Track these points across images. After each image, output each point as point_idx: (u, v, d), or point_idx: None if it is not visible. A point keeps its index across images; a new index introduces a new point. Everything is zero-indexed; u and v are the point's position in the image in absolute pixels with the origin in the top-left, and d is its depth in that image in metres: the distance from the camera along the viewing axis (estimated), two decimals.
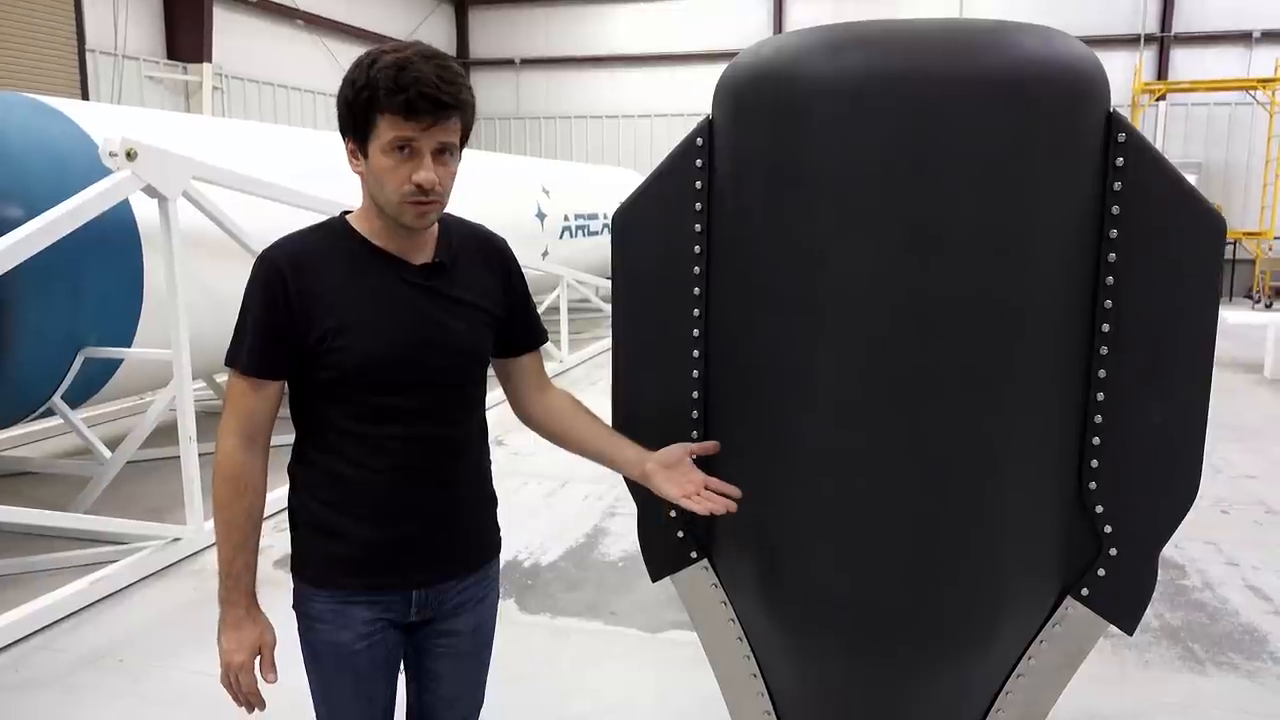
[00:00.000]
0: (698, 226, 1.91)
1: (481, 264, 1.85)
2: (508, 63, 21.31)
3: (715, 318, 1.92)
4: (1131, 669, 3.59)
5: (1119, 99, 16.63)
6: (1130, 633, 1.89)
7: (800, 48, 1.71)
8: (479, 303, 1.81)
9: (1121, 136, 1.70)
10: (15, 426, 5.61)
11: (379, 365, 1.69)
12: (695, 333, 1.95)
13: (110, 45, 12.87)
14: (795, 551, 1.82)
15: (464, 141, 1.70)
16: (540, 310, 9.02)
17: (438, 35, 20.85)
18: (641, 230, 1.97)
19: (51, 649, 3.71)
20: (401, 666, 1.92)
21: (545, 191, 10.58)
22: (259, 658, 1.76)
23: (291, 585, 1.84)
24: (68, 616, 3.94)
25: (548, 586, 4.35)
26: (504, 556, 4.58)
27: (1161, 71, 17.78)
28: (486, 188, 9.24)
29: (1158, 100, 16.98)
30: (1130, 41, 17.67)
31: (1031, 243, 1.66)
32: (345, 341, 1.67)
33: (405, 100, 1.56)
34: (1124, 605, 1.87)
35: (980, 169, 1.62)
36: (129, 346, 4.99)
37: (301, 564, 1.82)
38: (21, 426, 5.79)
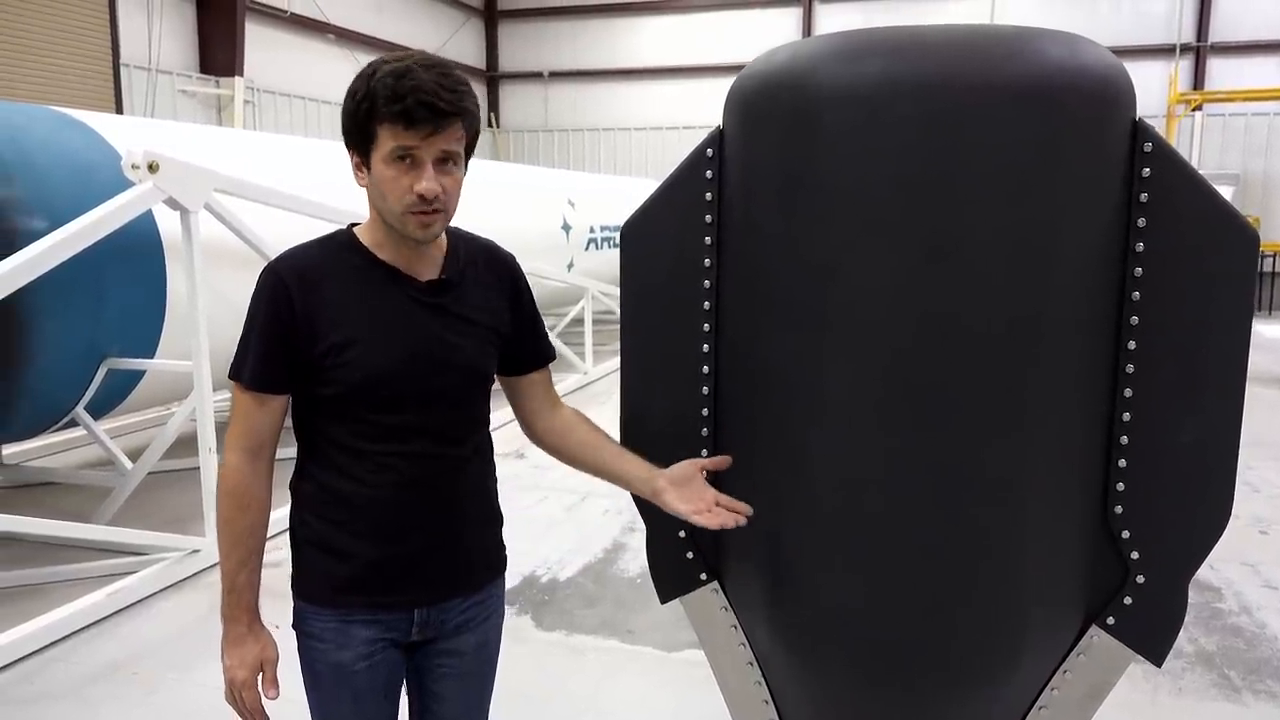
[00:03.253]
0: (708, 238, 1.86)
1: (490, 281, 1.82)
2: (536, 75, 21.42)
3: (726, 331, 1.87)
4: (1164, 696, 3.47)
5: (1154, 110, 16.41)
6: (1159, 664, 1.81)
7: (814, 54, 1.66)
8: (485, 320, 1.78)
9: (1148, 146, 1.63)
10: (41, 437, 5.65)
11: (383, 382, 1.66)
12: (705, 347, 1.89)
13: (144, 59, 13.06)
14: (806, 575, 1.76)
15: (470, 151, 1.68)
16: (565, 322, 8.94)
17: (467, 48, 21.00)
18: (651, 242, 1.92)
19: (68, 661, 3.71)
20: (404, 687, 1.88)
21: (571, 204, 10.57)
22: (261, 674, 1.74)
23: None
24: (85, 628, 3.94)
25: (565, 603, 4.30)
26: (522, 571, 4.58)
27: (1198, 81, 17.53)
28: (513, 200, 9.25)
29: (1194, 110, 16.72)
30: (1166, 51, 17.45)
31: (1054, 255, 1.60)
32: (349, 357, 1.64)
33: (404, 109, 1.53)
34: (1152, 635, 1.78)
35: (1000, 179, 1.56)
36: (152, 358, 5.01)
37: (302, 582, 1.78)
38: (48, 437, 5.84)
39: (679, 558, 1.98)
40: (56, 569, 4.49)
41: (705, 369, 1.90)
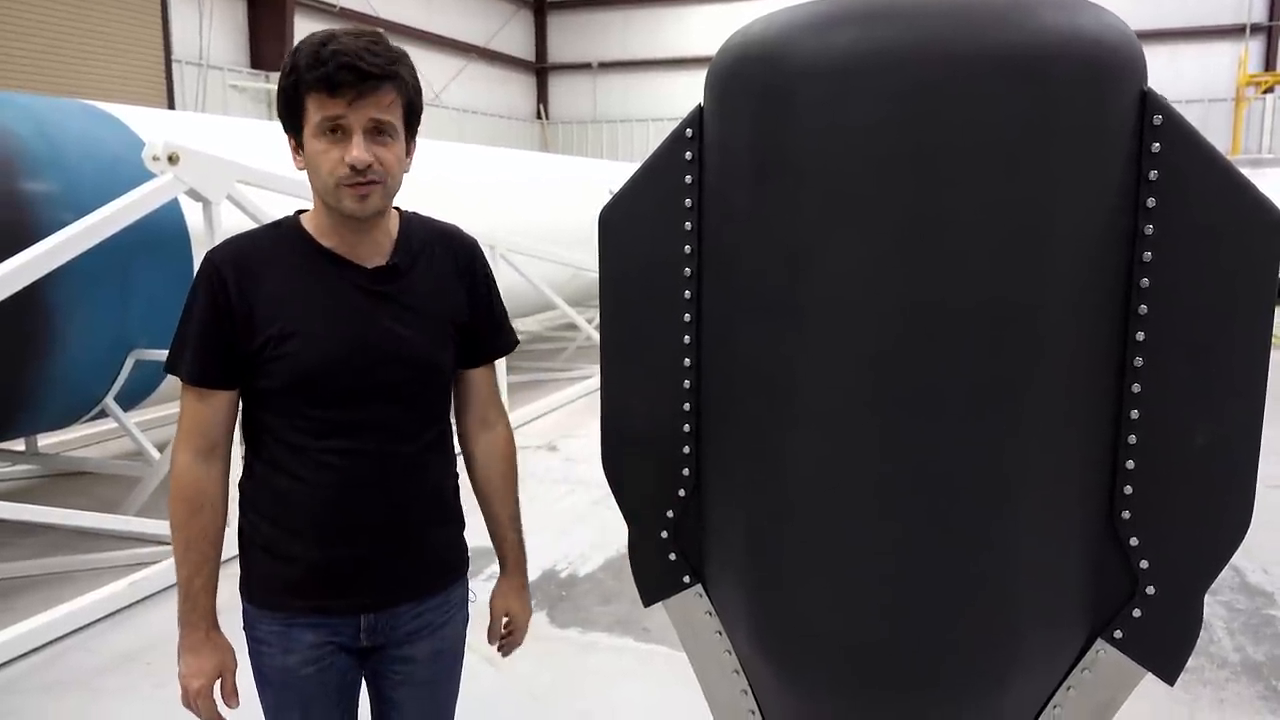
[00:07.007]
0: (688, 224, 1.76)
1: (447, 267, 1.73)
2: (585, 66, 21.37)
3: (707, 323, 1.76)
4: (1204, 708, 3.28)
5: (1222, 93, 15.83)
6: (1171, 683, 1.66)
7: (788, 24, 1.55)
8: (438, 310, 1.69)
9: (1157, 119, 1.49)
10: (79, 427, 5.73)
11: (320, 375, 1.59)
12: (686, 340, 1.79)
13: (196, 55, 13.27)
14: (786, 583, 1.65)
15: (411, 124, 1.59)
16: None
17: (516, 40, 21.02)
18: (629, 229, 1.83)
19: (86, 649, 3.74)
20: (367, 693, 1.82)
21: (611, 193, 10.50)
22: (220, 683, 1.71)
23: None
24: (106, 617, 3.97)
25: (582, 599, 4.22)
26: (542, 566, 4.51)
27: (1269, 62, 16.84)
28: (554, 192, 9.21)
29: (1265, 93, 16.08)
30: (1235, 32, 16.80)
31: (1049, 238, 1.47)
32: (288, 349, 1.57)
33: (325, 74, 1.47)
34: (1164, 651, 1.64)
35: (986, 156, 1.43)
36: None
37: (247, 584, 1.74)
38: (86, 427, 5.93)
39: (662, 559, 1.89)
40: (86, 557, 4.54)
41: (687, 362, 1.80)
